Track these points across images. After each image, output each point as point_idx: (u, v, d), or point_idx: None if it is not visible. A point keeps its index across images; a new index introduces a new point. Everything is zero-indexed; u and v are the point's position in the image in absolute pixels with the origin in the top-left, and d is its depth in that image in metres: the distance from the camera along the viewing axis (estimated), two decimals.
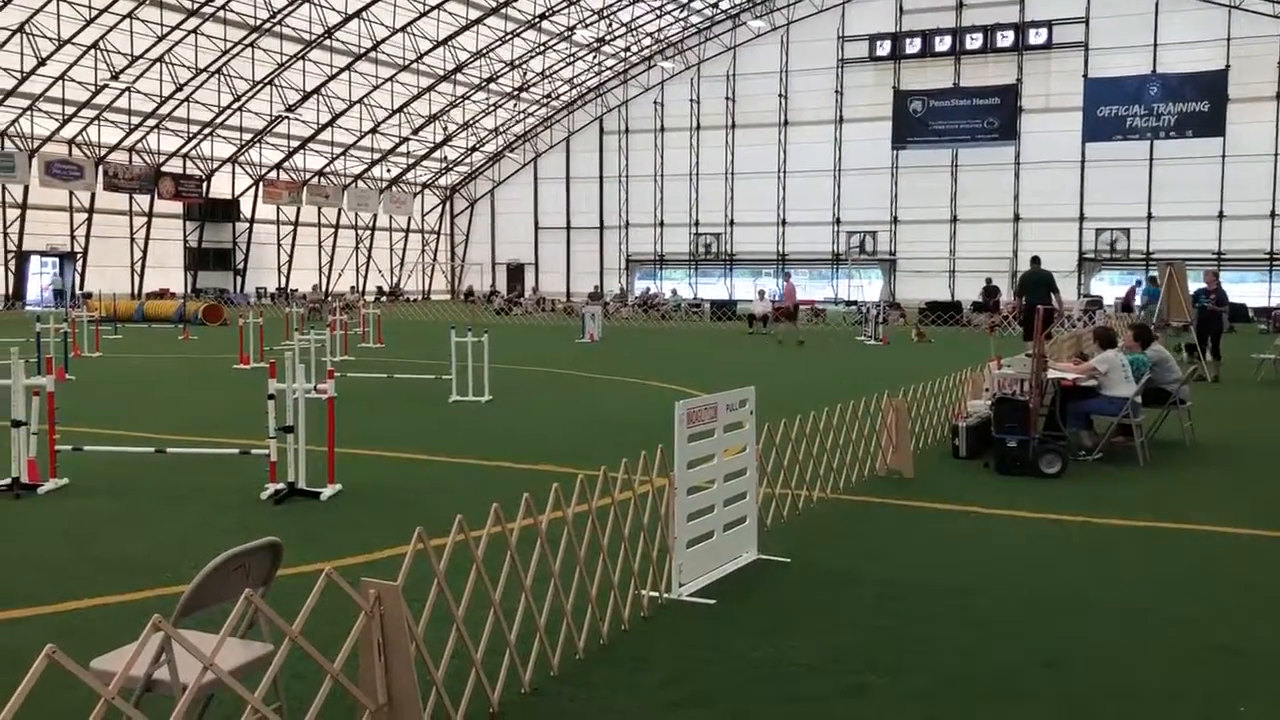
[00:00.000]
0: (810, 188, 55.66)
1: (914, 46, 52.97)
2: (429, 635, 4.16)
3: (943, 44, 52.47)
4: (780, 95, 56.23)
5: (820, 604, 6.01)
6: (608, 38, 53.89)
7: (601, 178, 61.16)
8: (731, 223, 58.22)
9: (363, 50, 46.82)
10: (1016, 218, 52.08)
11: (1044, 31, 50.62)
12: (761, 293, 37.40)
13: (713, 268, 59.23)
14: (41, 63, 39.21)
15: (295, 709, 3.91)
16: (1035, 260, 22.16)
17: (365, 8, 44.06)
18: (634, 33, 54.81)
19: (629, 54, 57.51)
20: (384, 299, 54.97)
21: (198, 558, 6.50)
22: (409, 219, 62.00)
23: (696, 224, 59.04)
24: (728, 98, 57.44)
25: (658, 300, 49.19)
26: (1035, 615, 5.85)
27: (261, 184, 52.80)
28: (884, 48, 53.57)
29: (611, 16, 51.66)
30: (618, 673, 4.94)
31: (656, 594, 5.87)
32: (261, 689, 3.50)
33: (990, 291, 37.46)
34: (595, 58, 56.64)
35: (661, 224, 59.89)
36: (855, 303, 47.63)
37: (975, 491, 9.06)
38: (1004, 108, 51.23)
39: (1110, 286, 48.40)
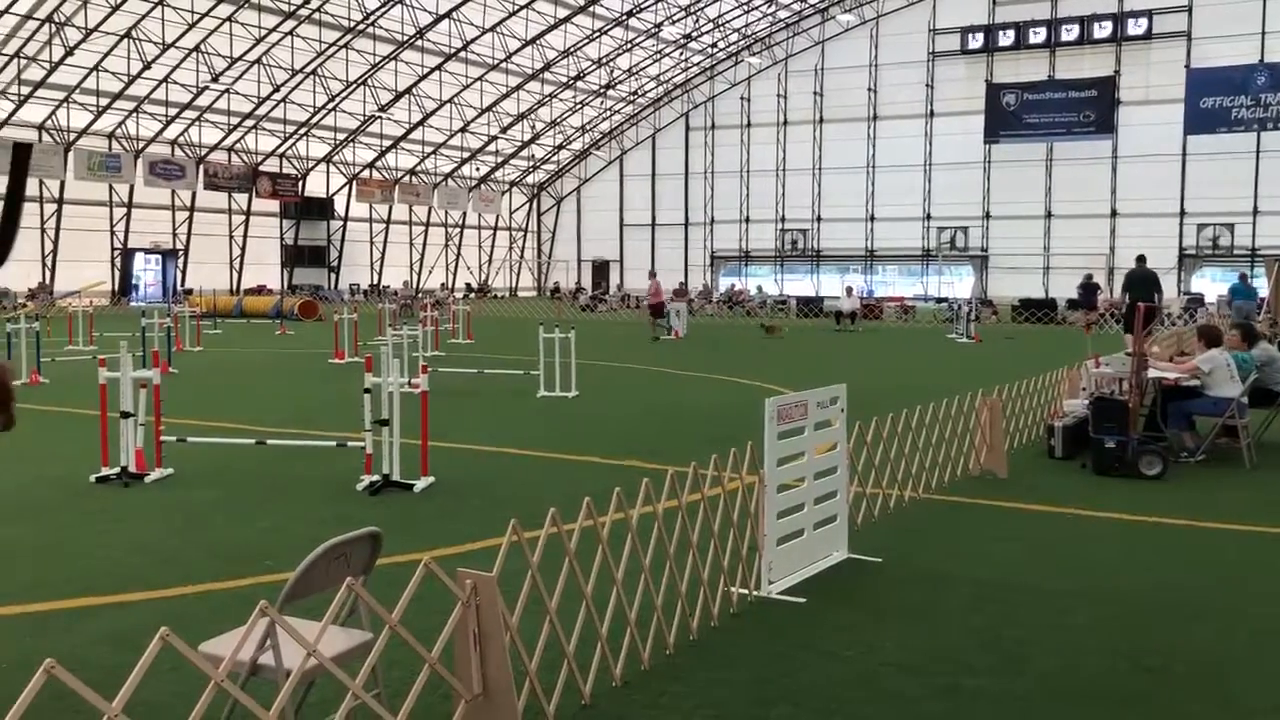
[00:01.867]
0: (900, 183, 54.92)
1: (1007, 39, 51.91)
2: (521, 626, 4.21)
3: (1037, 36, 51.31)
4: (869, 89, 55.56)
5: (913, 604, 5.94)
6: (694, 34, 53.81)
7: (687, 174, 61.12)
8: (818, 219, 57.71)
9: (453, 50, 47.46)
10: (1114, 213, 50.72)
11: (1144, 21, 49.18)
12: (849, 289, 37.04)
13: (799, 264, 58.80)
14: (147, 66, 40.55)
15: (390, 696, 3.99)
16: (1140, 259, 21.77)
17: (456, 8, 44.66)
18: (721, 28, 54.65)
19: (716, 50, 57.36)
20: (472, 295, 55.68)
21: (296, 547, 6.67)
22: (497, 217, 62.72)
23: (783, 220, 58.66)
24: (816, 92, 56.93)
25: (743, 297, 48.99)
26: (1135, 620, 5.71)
27: (355, 183, 53.90)
28: (976, 40, 52.59)
29: (698, 12, 51.57)
30: (708, 669, 4.94)
31: (746, 591, 5.86)
32: (362, 676, 3.58)
33: (1089, 289, 36.51)
34: (682, 54, 56.60)
35: (747, 220, 59.64)
36: (946, 300, 46.85)
37: (1072, 493, 8.85)
38: (1101, 100, 49.88)
39: (1212, 284, 46.82)
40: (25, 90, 39.52)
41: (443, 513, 8.06)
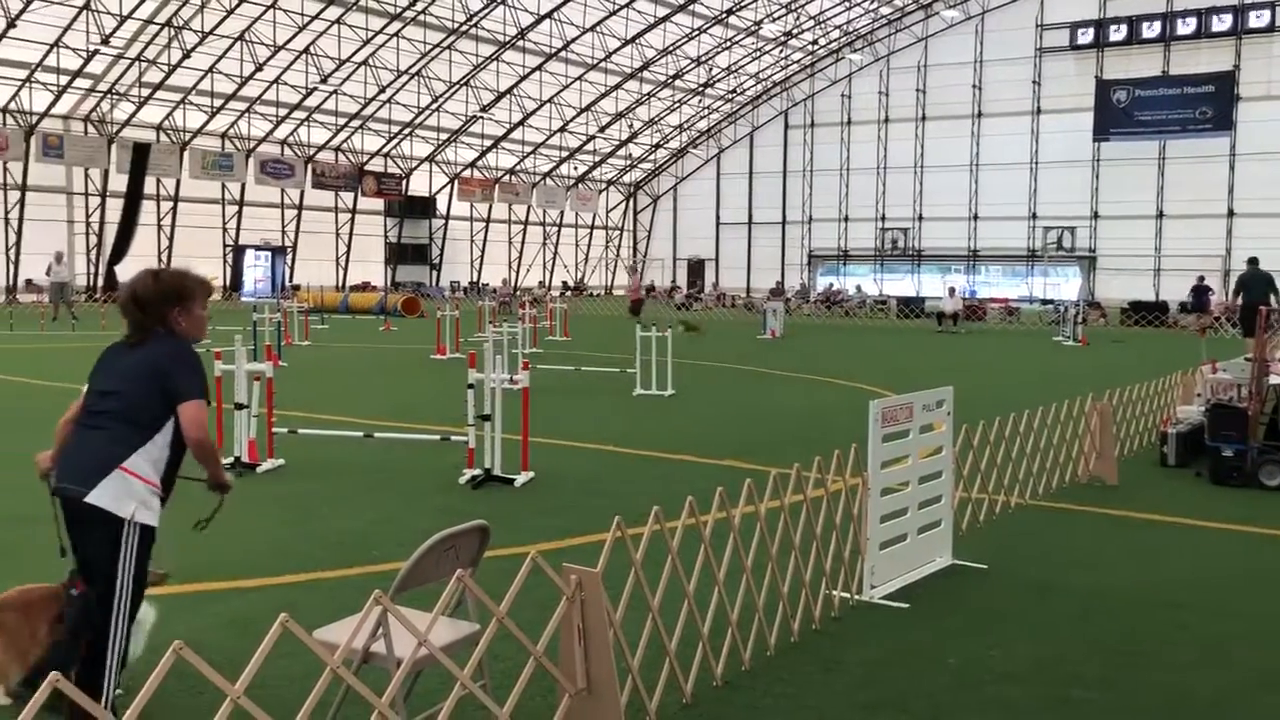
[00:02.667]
0: (1004, 181, 53.72)
1: (1119, 33, 50.38)
2: (623, 623, 4.23)
3: (1151, 30, 49.67)
4: (974, 86, 54.47)
5: (1019, 612, 5.81)
6: (795, 31, 53.41)
7: (785, 172, 60.69)
8: (920, 217, 56.78)
9: (553, 50, 47.91)
10: (1230, 213, 48.84)
11: (1266, 13, 47.24)
12: (951, 290, 36.40)
13: (899, 264, 57.92)
14: (259, 68, 41.80)
15: (494, 688, 4.04)
16: (1253, 261, 21.06)
17: (557, 8, 45.07)
18: (822, 25, 54.13)
19: (816, 47, 56.85)
20: (569, 293, 56.15)
21: (402, 537, 6.83)
22: (594, 215, 63.14)
23: (883, 219, 57.85)
24: (918, 89, 56.03)
25: (841, 297, 48.50)
26: (1253, 635, 5.50)
27: (456, 182, 54.78)
28: (1086, 35, 51.18)
29: (799, 10, 51.16)
30: (810, 671, 4.91)
31: (848, 595, 5.80)
32: (470, 667, 3.64)
33: (1201, 291, 35.27)
34: (782, 51, 56.24)
35: (846, 219, 58.97)
36: (1051, 301, 45.74)
37: (1186, 502, 8.57)
38: (1218, 96, 48.05)
39: None
40: (145, 92, 41.08)
41: (543, 507, 8.14)
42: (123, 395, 4.07)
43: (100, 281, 41.23)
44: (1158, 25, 49.49)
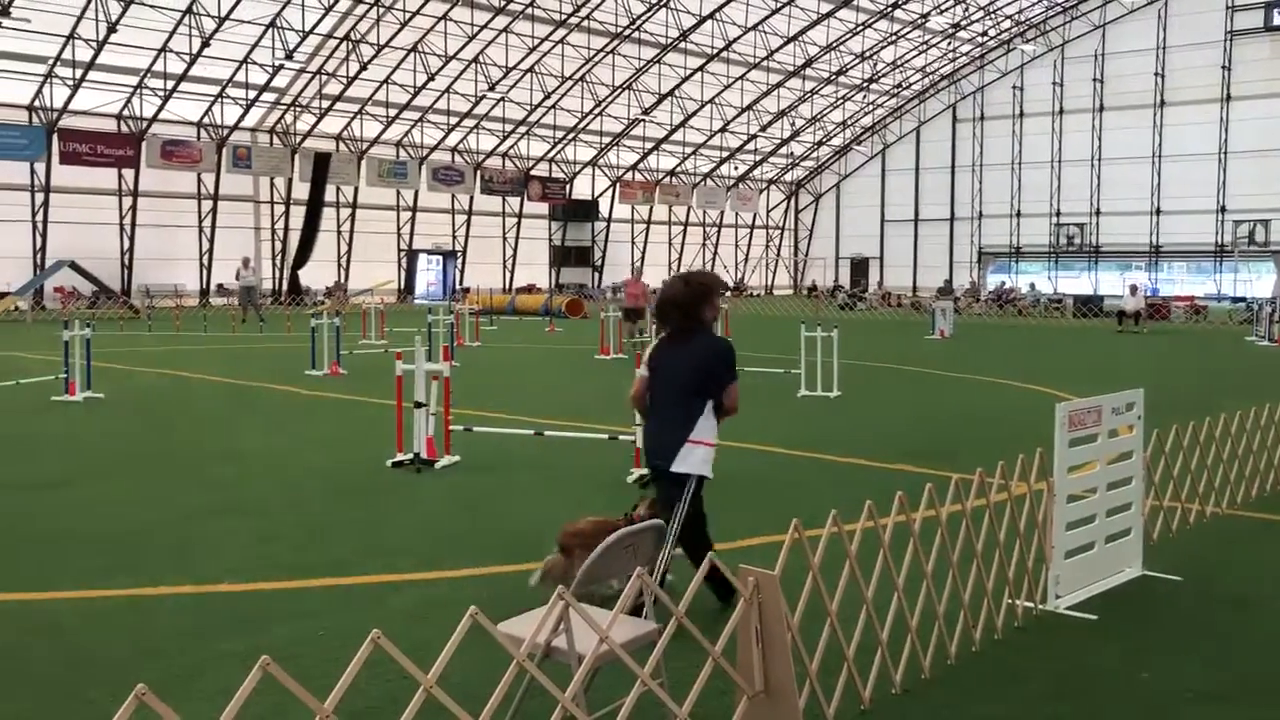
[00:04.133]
0: (1189, 173, 50.91)
1: None
2: (800, 626, 4.17)
3: None
4: (1156, 74, 51.82)
5: (1219, 628, 5.48)
6: (963, 23, 51.91)
7: (953, 167, 59.05)
8: (1097, 212, 54.38)
9: (715, 51, 47.92)
10: None
11: None
12: (1133, 287, 34.72)
13: (1075, 260, 55.59)
14: (431, 78, 43.27)
15: (669, 686, 4.05)
16: None
17: (719, 9, 45.05)
18: (992, 16, 52.44)
19: (986, 38, 55.12)
20: (729, 294, 56.07)
21: None
22: (754, 215, 62.86)
23: (1058, 214, 55.64)
24: (1095, 79, 53.67)
25: (1014, 295, 46.87)
26: None
27: (618, 185, 55.43)
28: None
29: (968, 1, 49.69)
30: (991, 682, 4.75)
31: (1031, 604, 5.59)
32: (650, 664, 3.66)
33: None
34: (949, 44, 54.75)
35: (1018, 214, 56.96)
36: (1243, 299, 43.09)
37: None
38: None
39: None
40: (325, 104, 43.07)
41: (710, 508, 8.10)
42: (683, 386, 5.39)
43: (284, 286, 43.37)
44: None
